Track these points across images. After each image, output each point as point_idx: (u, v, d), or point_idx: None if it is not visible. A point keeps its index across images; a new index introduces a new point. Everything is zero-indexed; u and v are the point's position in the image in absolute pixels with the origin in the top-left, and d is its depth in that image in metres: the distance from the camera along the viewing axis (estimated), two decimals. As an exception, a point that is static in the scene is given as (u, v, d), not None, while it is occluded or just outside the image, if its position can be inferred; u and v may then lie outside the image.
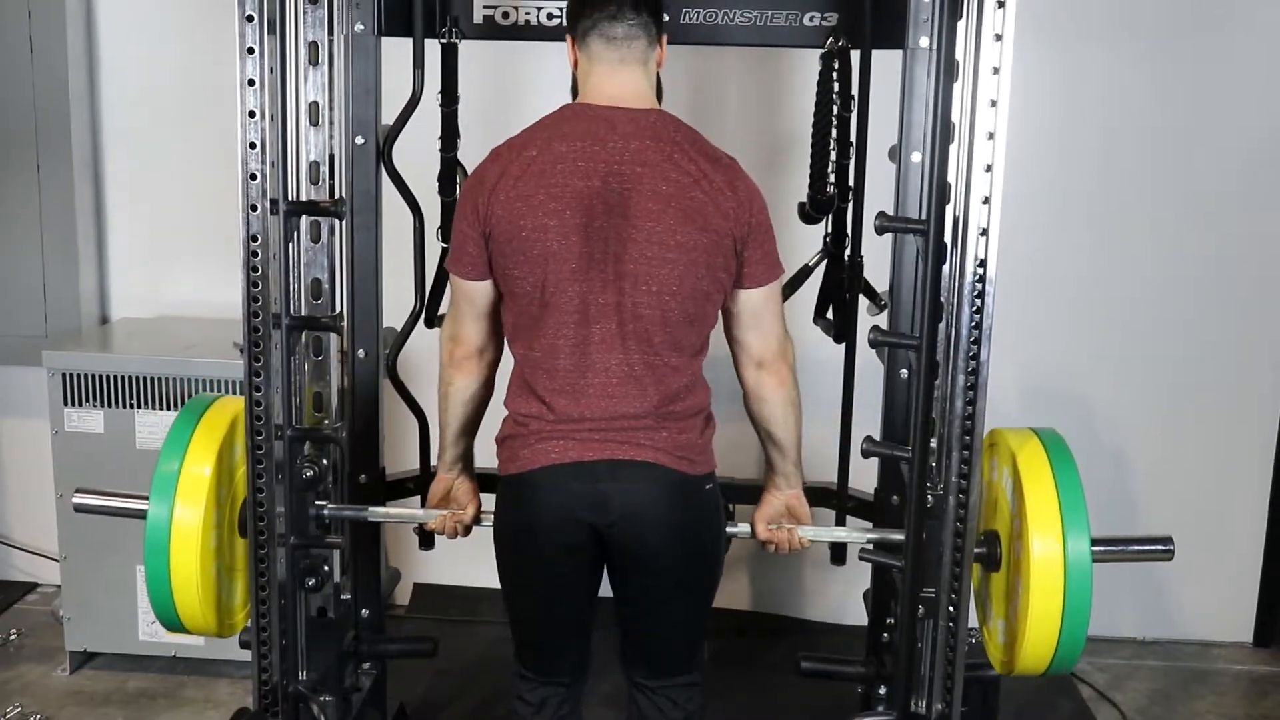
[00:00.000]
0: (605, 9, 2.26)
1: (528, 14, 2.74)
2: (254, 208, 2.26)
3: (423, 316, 2.88)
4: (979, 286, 2.19)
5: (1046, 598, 2.28)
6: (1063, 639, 2.30)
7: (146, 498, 2.41)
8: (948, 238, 2.28)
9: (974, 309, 2.20)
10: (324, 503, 2.64)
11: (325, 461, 2.65)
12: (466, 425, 2.46)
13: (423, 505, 2.69)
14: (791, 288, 2.92)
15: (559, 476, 2.24)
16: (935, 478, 2.34)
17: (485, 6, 2.75)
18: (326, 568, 2.67)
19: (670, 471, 2.25)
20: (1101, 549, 2.32)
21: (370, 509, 2.75)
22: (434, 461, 2.58)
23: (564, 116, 2.29)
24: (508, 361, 2.40)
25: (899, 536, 2.45)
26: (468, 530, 2.55)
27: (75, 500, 2.55)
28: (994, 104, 2.14)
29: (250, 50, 2.20)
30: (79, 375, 3.38)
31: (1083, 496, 2.33)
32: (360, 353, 2.82)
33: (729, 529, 2.47)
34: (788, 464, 2.44)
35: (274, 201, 2.30)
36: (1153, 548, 2.49)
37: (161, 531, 2.38)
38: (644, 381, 2.24)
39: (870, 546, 2.56)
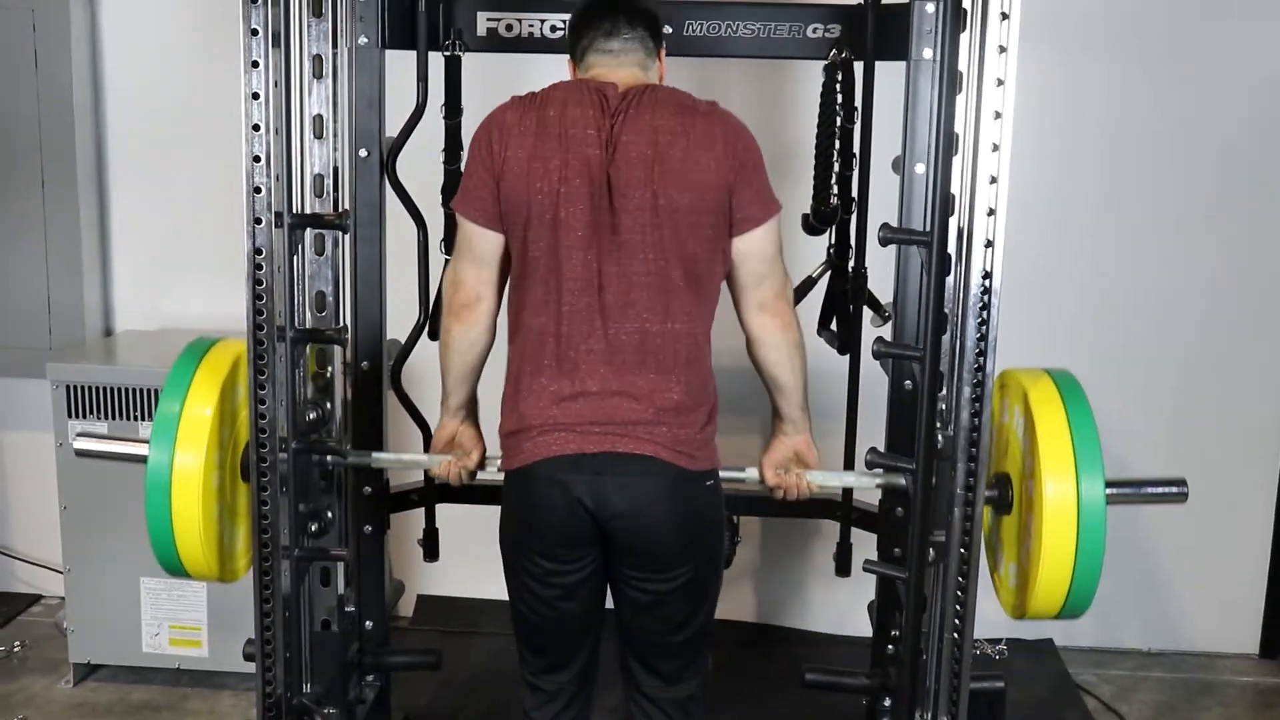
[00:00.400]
0: (601, 26, 2.32)
1: (531, 26, 2.75)
2: (258, 221, 2.26)
3: (426, 329, 2.89)
4: (984, 298, 2.19)
5: (1060, 538, 2.25)
6: (1076, 580, 2.27)
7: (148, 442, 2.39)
8: (952, 249, 2.28)
9: (979, 320, 2.19)
10: (326, 455, 2.63)
11: (329, 405, 2.63)
12: (467, 372, 2.45)
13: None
14: (795, 299, 2.92)
15: (559, 468, 2.24)
16: (946, 419, 2.32)
17: (489, 19, 2.76)
18: (330, 514, 2.67)
19: (669, 466, 2.25)
20: (1115, 490, 2.29)
21: (374, 455, 2.74)
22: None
23: (574, 86, 2.32)
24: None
25: (903, 480, 2.44)
26: (472, 475, 2.53)
27: (76, 445, 2.53)
28: (998, 116, 2.14)
29: (255, 64, 2.21)
30: (83, 387, 3.38)
31: (1097, 436, 2.29)
32: (364, 364, 2.82)
33: (737, 474, 2.46)
34: (794, 408, 2.43)
35: (278, 214, 2.30)
36: (1166, 489, 2.46)
37: (163, 474, 2.35)
38: (643, 348, 2.25)
39: (875, 558, 2.56)
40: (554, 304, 2.26)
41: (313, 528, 2.61)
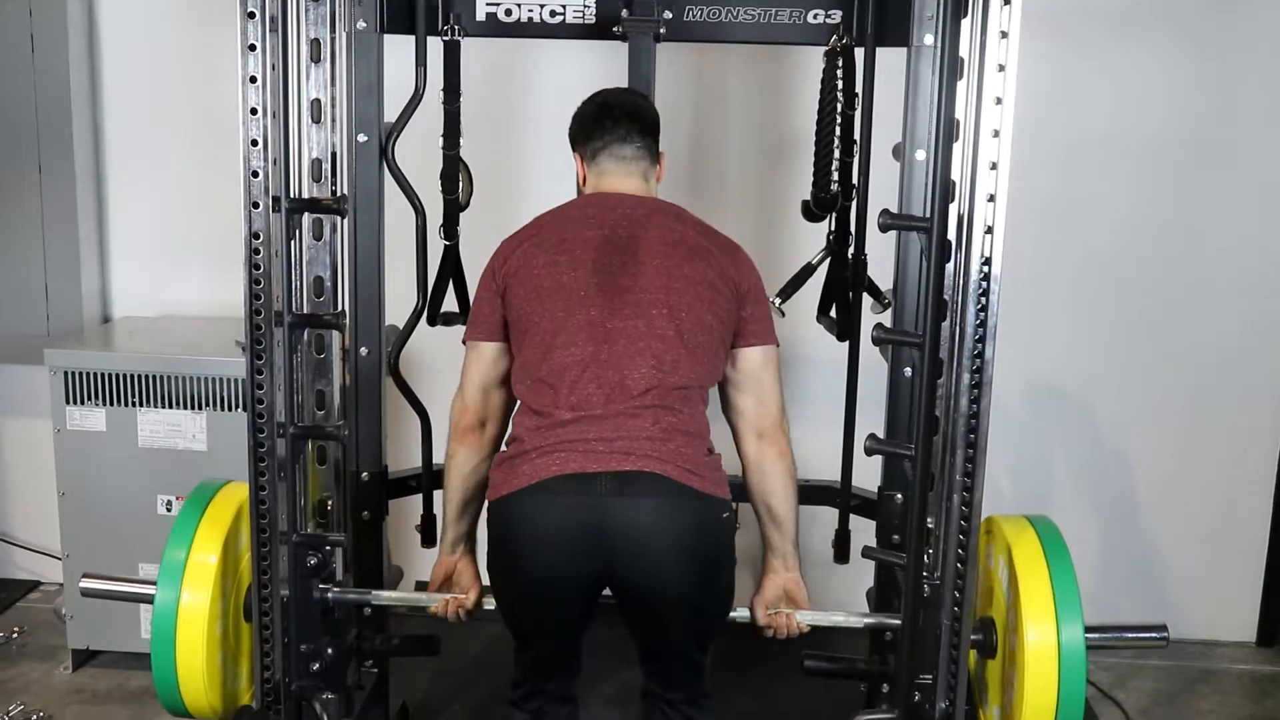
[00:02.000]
0: (616, 132, 2.43)
1: (530, 11, 2.74)
2: (256, 205, 2.25)
3: (425, 314, 2.88)
4: (984, 284, 2.18)
5: (1041, 691, 2.31)
6: None
7: (153, 583, 2.45)
8: (951, 235, 2.27)
9: (979, 307, 2.19)
10: (328, 587, 2.62)
11: (329, 549, 2.64)
12: (468, 500, 2.47)
13: (423, 587, 2.67)
14: (795, 286, 2.92)
15: (556, 489, 2.20)
16: (932, 566, 2.34)
17: (488, 4, 2.75)
18: (330, 651, 2.64)
19: (679, 485, 2.21)
20: (1096, 636, 2.35)
21: (374, 593, 2.75)
22: (438, 460, 2.57)
23: (574, 200, 2.45)
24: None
25: (896, 622, 2.45)
26: (470, 614, 2.55)
27: (82, 585, 2.59)
28: (999, 101, 2.13)
29: (252, 47, 2.20)
30: (81, 374, 3.37)
31: (1076, 587, 2.37)
32: (363, 350, 2.81)
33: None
34: (786, 543, 2.44)
35: (276, 199, 2.29)
36: (1147, 635, 2.52)
37: (168, 618, 2.41)
38: (648, 390, 2.26)
39: (874, 544, 2.56)
40: (558, 355, 2.28)
41: (315, 667, 2.54)
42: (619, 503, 2.18)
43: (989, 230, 2.17)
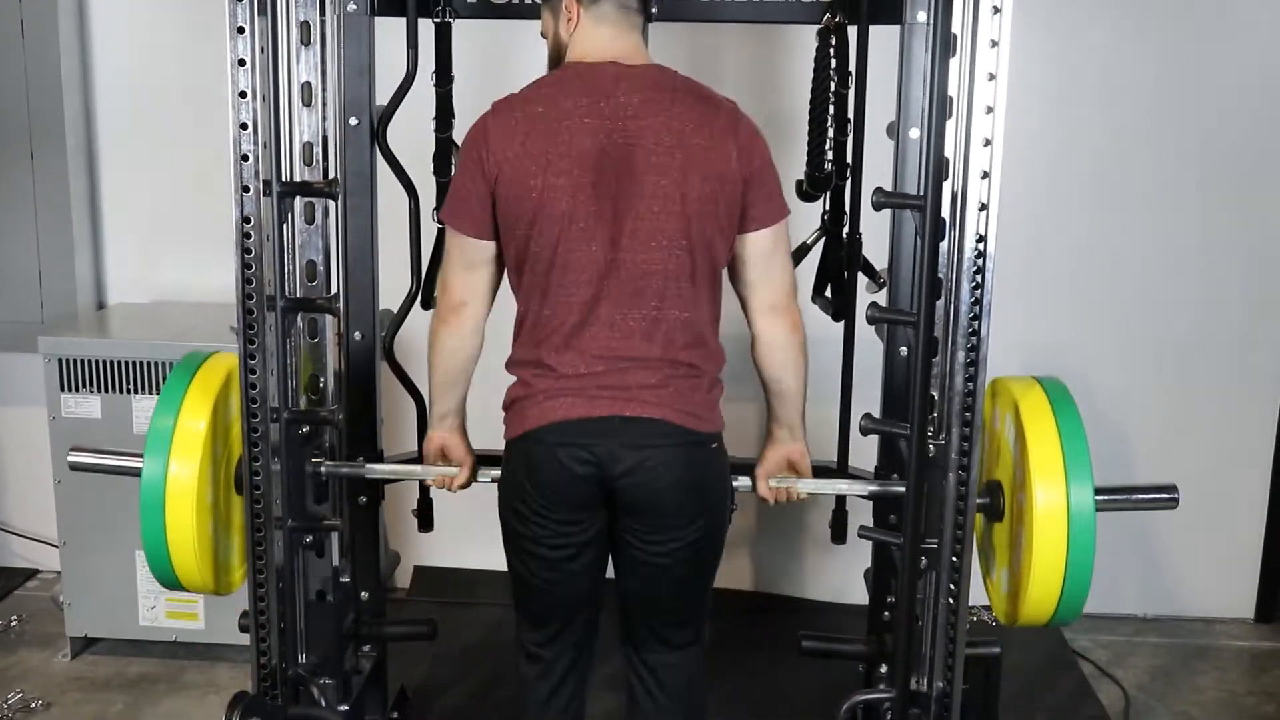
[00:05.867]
0: None
1: (522, -8, 2.72)
2: (246, 189, 2.24)
3: (419, 298, 2.87)
4: (979, 262, 2.18)
5: (1050, 548, 2.28)
6: (1066, 589, 2.30)
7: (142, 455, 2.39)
8: (946, 213, 2.27)
9: (973, 284, 2.19)
10: (320, 459, 2.63)
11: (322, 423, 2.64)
12: (452, 377, 2.43)
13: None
14: (789, 266, 2.90)
15: (566, 432, 2.25)
16: (937, 427, 2.32)
17: (479, -15, 2.73)
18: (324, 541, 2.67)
19: (677, 429, 2.26)
20: (1105, 498, 2.31)
21: (368, 465, 2.75)
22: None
23: (566, 75, 2.31)
24: (506, 320, 2.38)
25: (900, 488, 2.44)
26: (466, 484, 2.55)
27: (70, 458, 2.54)
28: (992, 77, 2.12)
29: (240, 30, 2.19)
30: (75, 361, 3.36)
31: (1086, 445, 2.32)
32: (356, 335, 2.81)
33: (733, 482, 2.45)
34: (794, 415, 2.43)
35: (267, 183, 2.29)
36: (1156, 496, 2.47)
37: (157, 488, 2.36)
38: (652, 334, 2.25)
39: (870, 524, 2.55)
40: (559, 294, 2.25)
41: (308, 539, 2.58)
42: (621, 442, 2.24)
43: (983, 207, 2.16)
